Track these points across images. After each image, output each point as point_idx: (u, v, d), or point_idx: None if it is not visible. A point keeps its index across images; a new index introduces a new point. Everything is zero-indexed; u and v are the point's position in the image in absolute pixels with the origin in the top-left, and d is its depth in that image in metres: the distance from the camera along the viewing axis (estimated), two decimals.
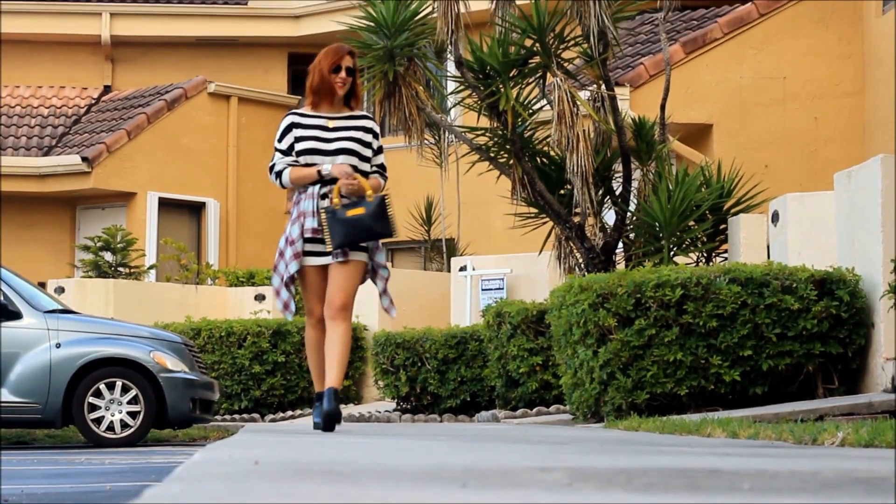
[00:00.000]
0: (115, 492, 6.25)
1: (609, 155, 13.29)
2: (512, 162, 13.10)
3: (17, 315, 12.13)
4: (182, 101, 23.72)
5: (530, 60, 12.90)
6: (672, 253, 12.63)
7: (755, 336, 10.24)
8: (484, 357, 14.68)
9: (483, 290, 17.08)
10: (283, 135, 8.74)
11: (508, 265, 17.09)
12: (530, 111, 13.12)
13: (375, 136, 8.83)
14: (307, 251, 8.63)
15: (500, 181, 13.53)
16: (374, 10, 13.00)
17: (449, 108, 16.72)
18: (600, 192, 13.15)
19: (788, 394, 10.33)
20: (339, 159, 8.63)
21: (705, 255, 13.10)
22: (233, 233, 23.94)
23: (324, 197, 8.59)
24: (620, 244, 13.21)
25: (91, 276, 20.56)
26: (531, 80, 13.04)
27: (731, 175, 13.38)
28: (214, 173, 23.90)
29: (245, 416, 17.11)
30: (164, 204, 23.39)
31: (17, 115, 24.23)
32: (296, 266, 8.61)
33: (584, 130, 12.61)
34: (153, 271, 21.76)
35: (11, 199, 23.01)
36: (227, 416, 17.10)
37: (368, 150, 8.75)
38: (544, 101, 13.03)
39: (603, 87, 13.12)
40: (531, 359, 13.44)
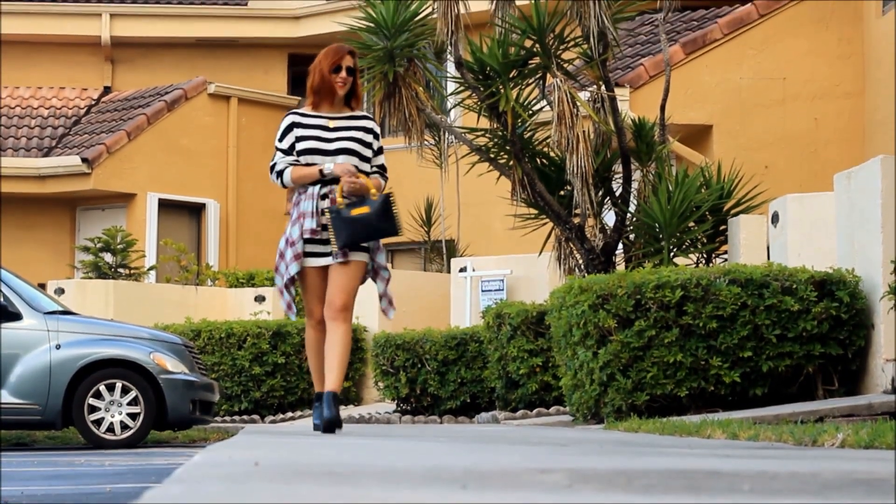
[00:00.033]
0: (115, 493, 6.25)
1: (609, 156, 13.28)
2: (512, 163, 13.10)
3: (17, 316, 12.13)
4: (182, 101, 23.72)
5: (530, 61, 12.90)
6: (672, 254, 12.63)
7: (755, 337, 10.23)
8: (484, 358, 14.67)
9: (483, 291, 17.07)
10: (283, 134, 8.71)
11: (508, 266, 17.09)
12: (530, 112, 13.11)
13: (376, 136, 8.81)
14: (307, 252, 8.60)
15: (500, 182, 13.53)
16: (374, 10, 12.99)
17: (449, 108, 16.71)
18: (600, 193, 13.14)
19: (788, 395, 10.32)
20: (340, 159, 8.60)
21: (705, 256, 13.09)
22: (233, 234, 23.93)
23: (324, 197, 8.55)
24: (620, 245, 13.20)
25: (91, 278, 20.55)
26: (531, 80, 13.04)
27: (731, 176, 13.37)
28: (214, 174, 23.90)
29: (245, 417, 17.10)
30: (164, 205, 23.38)
31: (17, 115, 24.23)
32: (296, 267, 8.58)
33: (584, 131, 12.61)
34: (153, 272, 21.76)
35: (11, 200, 23.00)
36: (227, 418, 17.09)
37: (369, 151, 8.73)
38: (544, 102, 13.02)
39: (603, 87, 13.11)
40: (531, 360, 13.43)
